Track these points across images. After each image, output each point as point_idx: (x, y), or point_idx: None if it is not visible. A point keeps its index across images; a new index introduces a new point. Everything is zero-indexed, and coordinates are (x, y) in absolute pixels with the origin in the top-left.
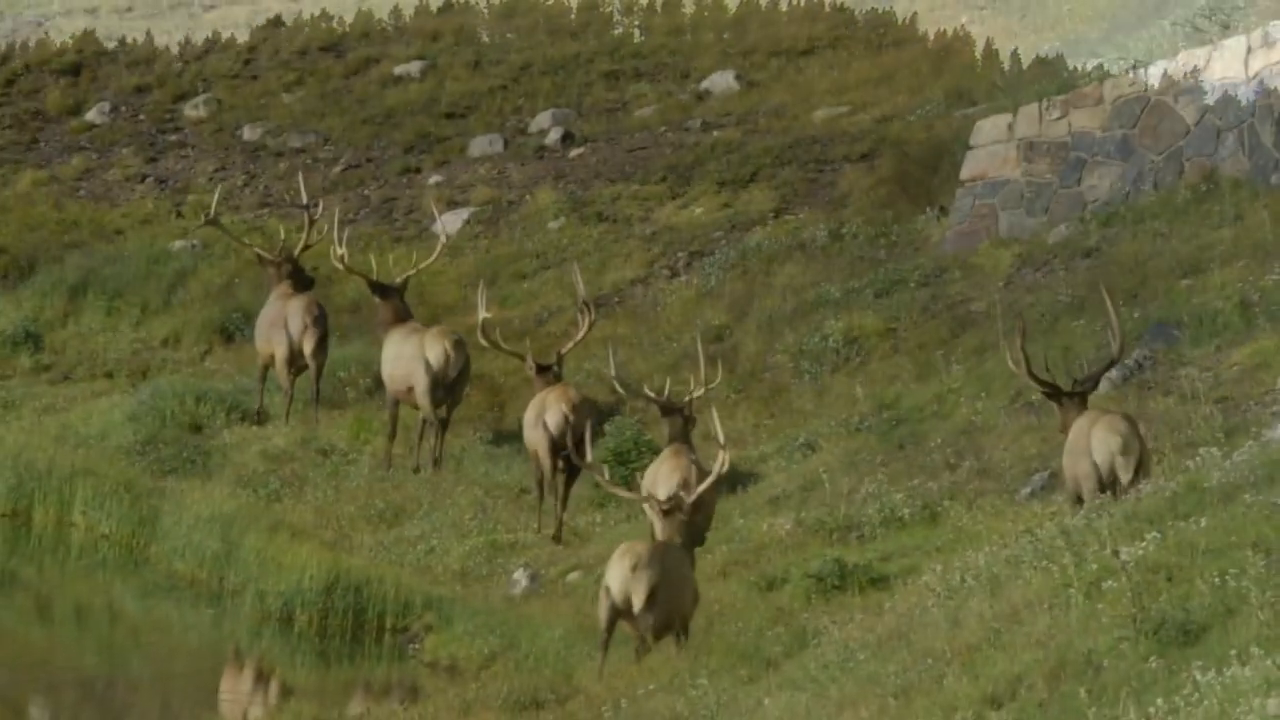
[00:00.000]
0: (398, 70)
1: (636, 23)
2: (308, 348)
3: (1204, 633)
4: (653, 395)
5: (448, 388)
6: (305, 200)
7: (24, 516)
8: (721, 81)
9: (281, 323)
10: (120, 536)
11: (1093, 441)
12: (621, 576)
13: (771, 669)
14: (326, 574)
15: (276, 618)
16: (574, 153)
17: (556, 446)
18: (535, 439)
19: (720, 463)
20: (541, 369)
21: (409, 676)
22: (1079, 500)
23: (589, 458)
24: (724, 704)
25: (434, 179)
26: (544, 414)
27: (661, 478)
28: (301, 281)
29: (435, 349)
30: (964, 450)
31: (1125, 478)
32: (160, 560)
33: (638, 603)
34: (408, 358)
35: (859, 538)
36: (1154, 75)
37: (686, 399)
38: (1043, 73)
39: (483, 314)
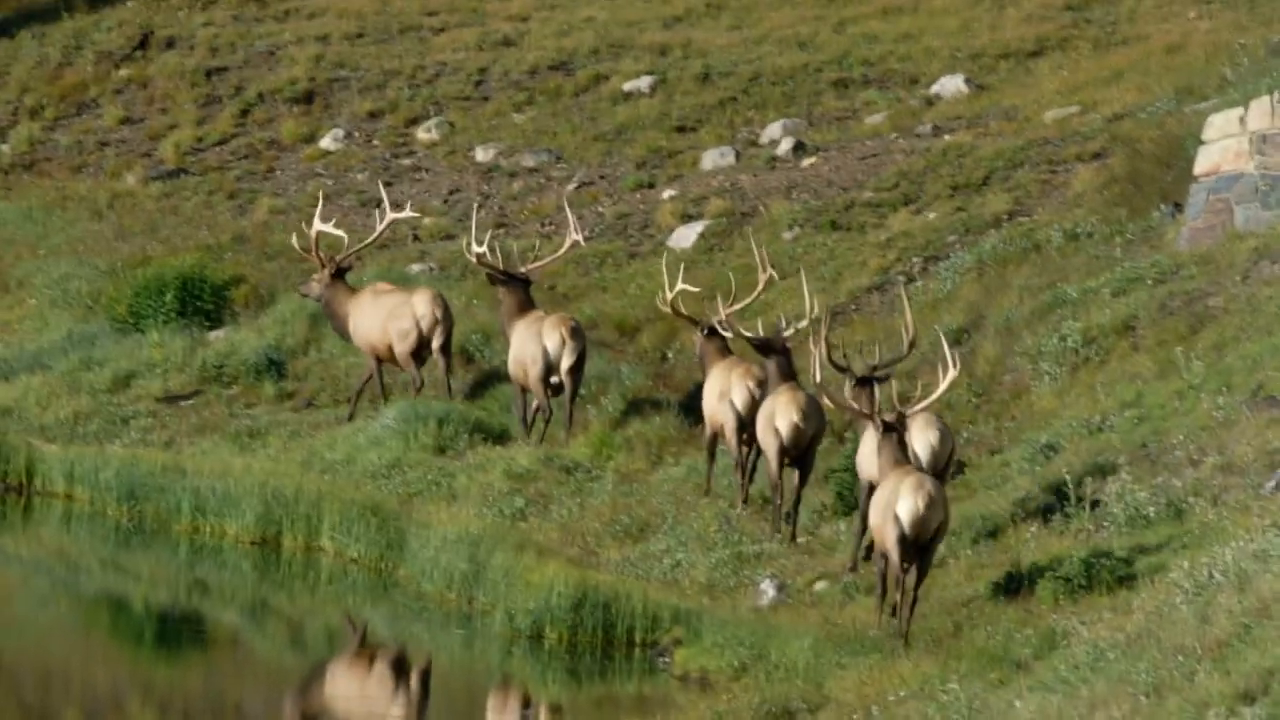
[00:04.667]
0: (627, 86)
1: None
2: (436, 341)
3: None
4: (749, 335)
5: (571, 370)
6: (400, 205)
7: (273, 543)
8: (951, 85)
9: (410, 316)
10: (368, 560)
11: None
12: (913, 509)
13: (1022, 671)
14: (574, 591)
15: (526, 636)
16: (806, 162)
17: (742, 423)
18: (722, 415)
19: (946, 379)
20: (710, 333)
21: (660, 690)
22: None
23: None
24: (976, 708)
25: (667, 193)
26: (729, 391)
27: (780, 409)
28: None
29: (553, 336)
30: (1207, 446)
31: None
32: (409, 582)
33: (925, 535)
34: (530, 344)
35: (1105, 537)
36: None
37: (781, 332)
38: (1273, 65)
39: (677, 287)
